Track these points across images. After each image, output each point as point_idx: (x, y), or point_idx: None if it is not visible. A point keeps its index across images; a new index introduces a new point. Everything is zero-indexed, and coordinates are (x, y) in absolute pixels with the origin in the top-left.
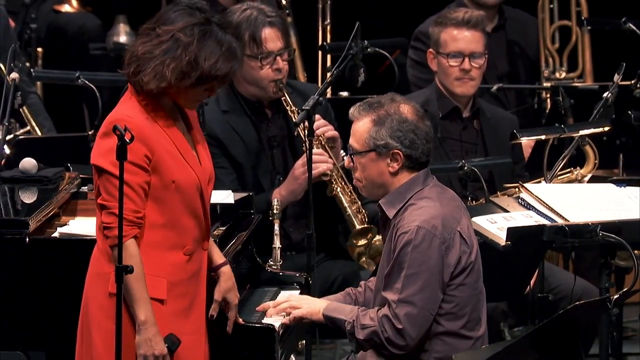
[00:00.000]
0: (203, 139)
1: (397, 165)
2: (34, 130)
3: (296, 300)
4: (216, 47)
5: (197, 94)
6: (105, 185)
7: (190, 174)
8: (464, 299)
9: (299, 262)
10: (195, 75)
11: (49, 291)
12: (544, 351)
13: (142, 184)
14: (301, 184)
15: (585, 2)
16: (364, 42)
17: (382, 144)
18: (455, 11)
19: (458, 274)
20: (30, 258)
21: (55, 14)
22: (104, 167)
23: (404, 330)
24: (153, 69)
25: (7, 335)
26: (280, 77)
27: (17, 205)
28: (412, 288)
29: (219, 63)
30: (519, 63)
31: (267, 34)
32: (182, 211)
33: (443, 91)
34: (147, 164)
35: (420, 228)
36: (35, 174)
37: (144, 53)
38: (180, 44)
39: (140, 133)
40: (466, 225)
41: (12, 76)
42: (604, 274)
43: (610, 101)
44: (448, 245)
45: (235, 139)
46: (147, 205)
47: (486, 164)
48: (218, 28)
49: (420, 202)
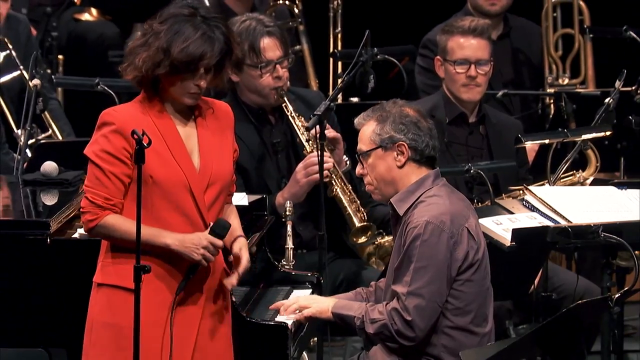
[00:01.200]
0: (224, 145)
1: (403, 159)
2: (55, 134)
3: (305, 300)
4: (191, 33)
5: (185, 85)
6: (88, 172)
7: (175, 172)
8: (471, 295)
9: (309, 260)
10: (167, 63)
11: (69, 290)
12: (547, 348)
13: (118, 174)
14: (302, 186)
15: (588, 11)
16: (374, 50)
17: (387, 137)
18: (461, 20)
19: (466, 269)
20: (51, 258)
21: (76, 22)
22: (87, 155)
23: (413, 321)
24: (131, 61)
25: (29, 332)
26: (280, 85)
27: (38, 207)
28: (420, 281)
29: (190, 47)
30: (523, 70)
31: (265, 43)
32: (164, 207)
33: (450, 97)
34: (125, 156)
35: (429, 223)
36: (56, 177)
37: (130, 49)
38: (153, 33)
39: (121, 127)
40: (474, 224)
41: (34, 82)
42: (606, 273)
43: (611, 107)
44: (456, 241)
45: (239, 145)
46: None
47: (492, 168)
48: (201, 19)
49: (430, 199)
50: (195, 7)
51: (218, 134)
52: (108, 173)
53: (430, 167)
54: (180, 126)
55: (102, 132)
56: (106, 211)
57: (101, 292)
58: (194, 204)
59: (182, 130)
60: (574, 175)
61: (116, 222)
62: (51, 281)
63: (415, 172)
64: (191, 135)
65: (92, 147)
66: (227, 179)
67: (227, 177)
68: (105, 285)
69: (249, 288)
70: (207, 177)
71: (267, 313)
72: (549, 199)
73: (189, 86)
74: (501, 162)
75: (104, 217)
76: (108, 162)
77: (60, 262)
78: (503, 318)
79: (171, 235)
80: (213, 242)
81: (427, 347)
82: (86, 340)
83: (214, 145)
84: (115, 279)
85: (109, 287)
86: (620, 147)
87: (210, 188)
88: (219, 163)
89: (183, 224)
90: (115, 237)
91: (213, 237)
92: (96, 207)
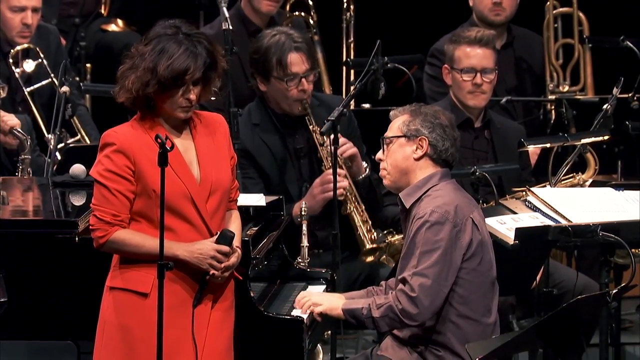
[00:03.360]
0: (220, 154)
1: (421, 152)
2: (82, 138)
3: (317, 298)
4: (175, 50)
5: (176, 100)
6: (95, 191)
7: (176, 185)
8: (475, 285)
9: (324, 259)
10: (155, 81)
11: (96, 286)
12: (549, 341)
13: (123, 191)
14: (318, 201)
15: (587, 22)
16: (384, 59)
17: (413, 129)
18: (468, 30)
19: (470, 257)
20: (79, 256)
21: (102, 32)
22: (92, 175)
23: (417, 298)
24: (122, 84)
25: (58, 326)
26: (305, 97)
27: (67, 207)
28: (425, 263)
29: (174, 63)
30: (526, 77)
31: (292, 58)
32: (169, 217)
33: (457, 103)
34: (128, 174)
35: (434, 212)
36: (84, 179)
37: (120, 73)
38: (139, 55)
39: (122, 146)
40: (478, 217)
41: (63, 89)
42: (604, 270)
43: (609, 112)
44: (459, 229)
45: (264, 149)
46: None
47: (496, 170)
48: (184, 36)
49: (436, 193)
50: (178, 26)
51: (214, 143)
52: (113, 191)
53: (444, 167)
54: (178, 140)
55: (104, 152)
56: (115, 227)
57: (113, 295)
58: (197, 214)
59: (180, 143)
60: (574, 177)
61: (125, 236)
62: (79, 277)
63: (429, 168)
64: (189, 147)
65: (96, 168)
66: (227, 187)
67: (226, 184)
68: (116, 289)
69: (266, 284)
70: (208, 187)
71: (283, 307)
72: (550, 199)
73: (180, 101)
74: (505, 165)
75: (114, 233)
76: (112, 180)
77: (87, 259)
78: (507, 312)
79: (180, 247)
80: (220, 249)
81: (434, 335)
82: (98, 341)
83: (212, 155)
84: (126, 283)
85: (120, 291)
86: (617, 150)
87: (211, 197)
88: (218, 172)
89: (188, 232)
90: (125, 251)
91: (219, 246)
92: (105, 224)
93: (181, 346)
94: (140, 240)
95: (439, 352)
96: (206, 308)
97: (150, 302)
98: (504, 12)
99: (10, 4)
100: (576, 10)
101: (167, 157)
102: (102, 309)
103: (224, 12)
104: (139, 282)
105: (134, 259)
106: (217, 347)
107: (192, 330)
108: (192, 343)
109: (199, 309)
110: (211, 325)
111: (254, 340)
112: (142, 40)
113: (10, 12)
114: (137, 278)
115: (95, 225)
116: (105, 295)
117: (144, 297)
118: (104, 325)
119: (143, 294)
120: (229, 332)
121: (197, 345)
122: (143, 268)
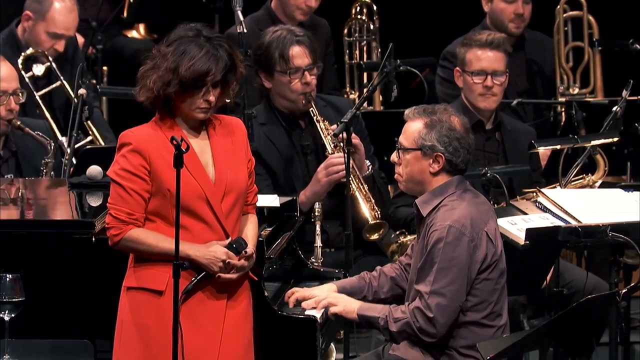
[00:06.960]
0: (237, 156)
1: (437, 167)
2: (96, 140)
3: (334, 298)
4: (196, 51)
5: (195, 101)
6: (111, 190)
7: (191, 185)
8: (488, 293)
9: (337, 258)
10: (177, 81)
11: (112, 285)
12: (559, 340)
13: (138, 190)
14: (323, 185)
15: (597, 25)
16: (397, 61)
17: (429, 145)
18: (479, 33)
19: (484, 269)
20: (96, 255)
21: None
22: (109, 175)
23: (435, 319)
24: (143, 84)
25: (75, 324)
26: (308, 90)
27: (84, 208)
28: (442, 281)
29: (196, 65)
30: (536, 80)
31: (294, 51)
32: (184, 216)
33: (468, 106)
34: (144, 173)
35: (452, 227)
36: (100, 180)
37: (141, 73)
38: (161, 55)
39: (138, 146)
40: (493, 227)
41: (80, 92)
42: (613, 270)
43: (618, 114)
44: (476, 244)
45: (270, 147)
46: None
47: (507, 172)
48: (204, 39)
49: (452, 203)
50: (199, 29)
51: (231, 146)
52: (129, 190)
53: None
54: (194, 141)
55: (121, 152)
56: (129, 225)
57: (130, 295)
58: (212, 213)
59: (196, 144)
60: (583, 178)
61: (140, 235)
62: (96, 277)
63: (445, 179)
64: (205, 148)
65: (113, 167)
66: (242, 187)
67: (242, 185)
68: (132, 289)
69: (280, 284)
70: (223, 187)
71: (297, 307)
72: (560, 200)
73: (199, 102)
74: (516, 167)
75: (128, 231)
76: (128, 179)
77: (104, 259)
78: (517, 311)
79: (193, 247)
80: (230, 257)
81: (447, 340)
82: (116, 340)
83: (228, 156)
84: (141, 282)
85: (137, 290)
86: (626, 152)
87: (226, 197)
88: (234, 173)
89: (203, 231)
90: (139, 249)
91: (231, 253)
92: (120, 222)
93: (201, 344)
94: (154, 239)
95: (451, 351)
96: (220, 305)
97: (165, 299)
98: (523, 24)
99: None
100: (586, 13)
101: (182, 158)
102: (119, 309)
103: (239, 15)
104: (154, 280)
105: (148, 258)
106: (236, 348)
107: (179, 325)
108: (211, 341)
109: (212, 305)
110: (229, 325)
111: (268, 339)
112: (163, 42)
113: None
114: (152, 276)
115: (111, 223)
116: (122, 296)
117: (159, 295)
118: (121, 325)
119: (158, 292)
120: (249, 334)
121: (182, 339)
122: (157, 266)
